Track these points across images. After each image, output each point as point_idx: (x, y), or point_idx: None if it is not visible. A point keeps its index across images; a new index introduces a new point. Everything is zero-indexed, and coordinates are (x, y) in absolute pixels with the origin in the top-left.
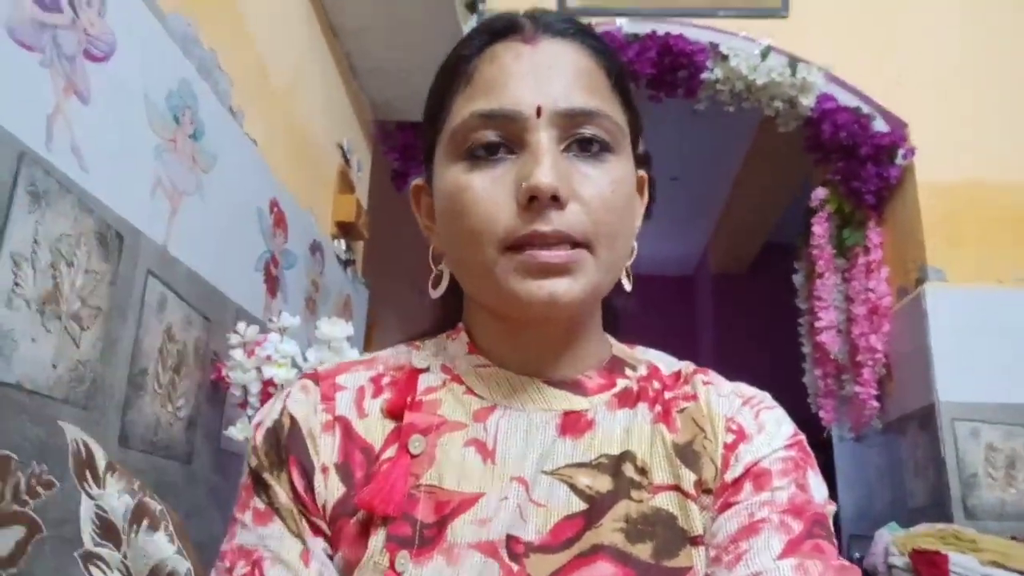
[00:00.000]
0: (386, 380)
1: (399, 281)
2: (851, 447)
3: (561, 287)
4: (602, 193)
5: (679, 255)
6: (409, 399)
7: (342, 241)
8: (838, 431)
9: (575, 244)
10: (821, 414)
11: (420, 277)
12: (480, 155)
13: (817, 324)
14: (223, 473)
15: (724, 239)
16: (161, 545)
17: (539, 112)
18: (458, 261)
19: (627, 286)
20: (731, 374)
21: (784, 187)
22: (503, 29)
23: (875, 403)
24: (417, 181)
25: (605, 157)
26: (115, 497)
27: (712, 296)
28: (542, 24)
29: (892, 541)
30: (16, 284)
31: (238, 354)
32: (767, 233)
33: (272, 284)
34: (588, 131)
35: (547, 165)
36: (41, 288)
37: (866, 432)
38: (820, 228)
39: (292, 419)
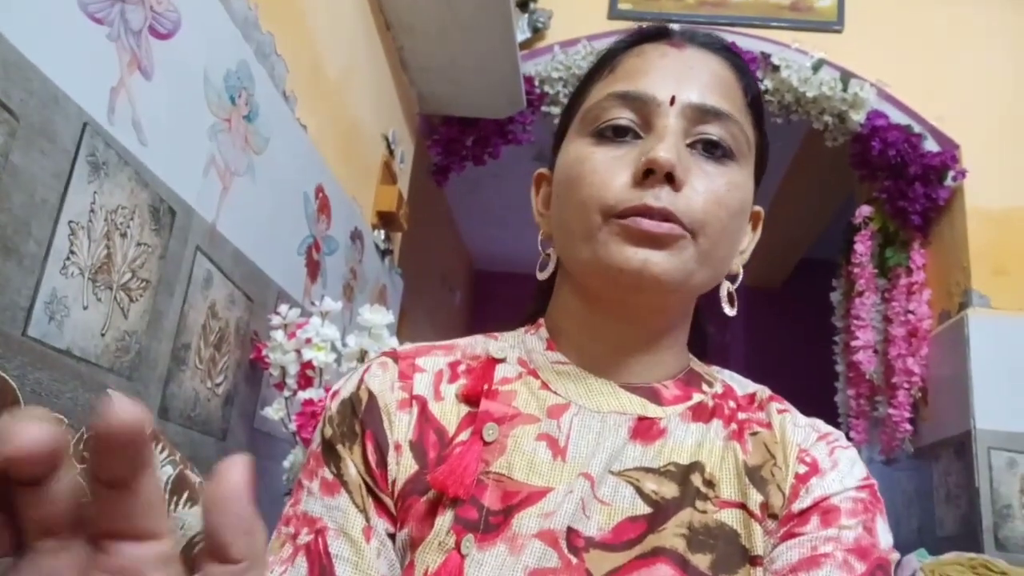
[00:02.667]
0: (463, 367)
1: (429, 274)
2: (880, 470)
3: (656, 257)
4: (717, 189)
5: None
6: (485, 387)
7: (382, 231)
8: (868, 453)
9: (681, 227)
10: (851, 435)
11: (448, 272)
12: (608, 135)
13: (853, 343)
14: (256, 452)
15: (760, 252)
16: (199, 518)
17: (672, 100)
18: (563, 231)
19: (729, 311)
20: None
21: (824, 203)
22: (654, 33)
23: (908, 426)
24: (541, 170)
25: (727, 161)
26: (157, 467)
27: (744, 309)
28: (689, 35)
29: (920, 568)
30: (72, 252)
31: (279, 335)
32: (804, 248)
33: (313, 268)
34: (714, 132)
35: (670, 143)
36: (95, 257)
37: (897, 455)
38: (863, 246)
39: (370, 393)
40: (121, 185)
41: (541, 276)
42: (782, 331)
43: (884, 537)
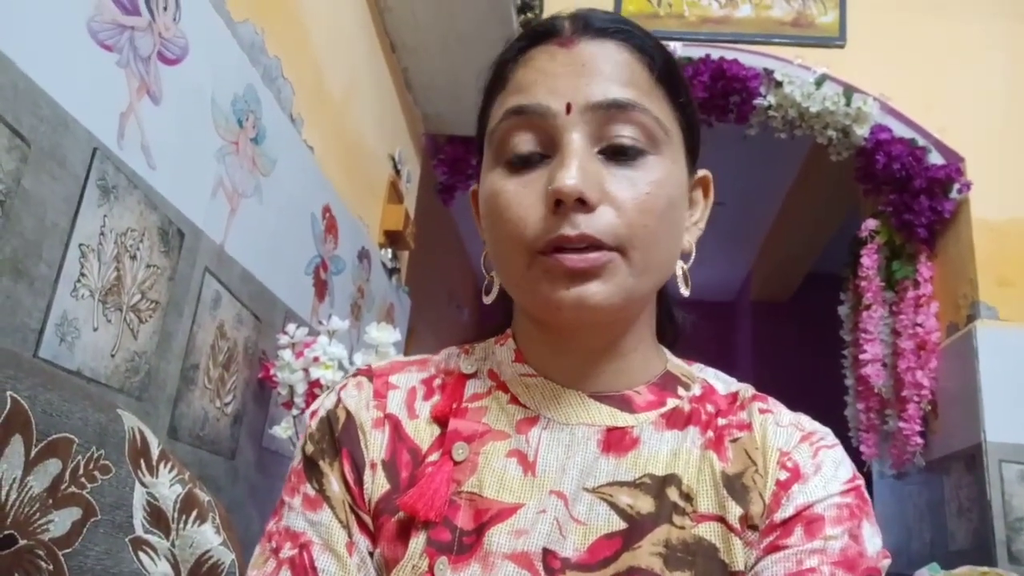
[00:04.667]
0: (438, 382)
1: (436, 292)
2: (891, 484)
3: (590, 290)
4: (637, 195)
5: (720, 281)
6: (455, 405)
7: (389, 250)
8: (878, 467)
9: (606, 248)
10: (862, 449)
11: (456, 289)
12: (515, 162)
13: (862, 357)
14: (264, 471)
15: (767, 267)
16: (208, 536)
17: (568, 109)
18: (498, 266)
19: (684, 291)
20: None
21: (830, 217)
22: (543, 33)
23: (919, 440)
24: (475, 187)
25: (644, 157)
26: (166, 486)
27: (752, 323)
28: (581, 25)
29: None
30: (82, 274)
31: (287, 354)
32: (811, 262)
33: (320, 288)
34: (625, 130)
35: (573, 167)
36: (105, 279)
37: (907, 469)
38: (869, 259)
39: (347, 412)
40: (130, 208)
41: (487, 300)
42: (790, 345)
43: (871, 543)
